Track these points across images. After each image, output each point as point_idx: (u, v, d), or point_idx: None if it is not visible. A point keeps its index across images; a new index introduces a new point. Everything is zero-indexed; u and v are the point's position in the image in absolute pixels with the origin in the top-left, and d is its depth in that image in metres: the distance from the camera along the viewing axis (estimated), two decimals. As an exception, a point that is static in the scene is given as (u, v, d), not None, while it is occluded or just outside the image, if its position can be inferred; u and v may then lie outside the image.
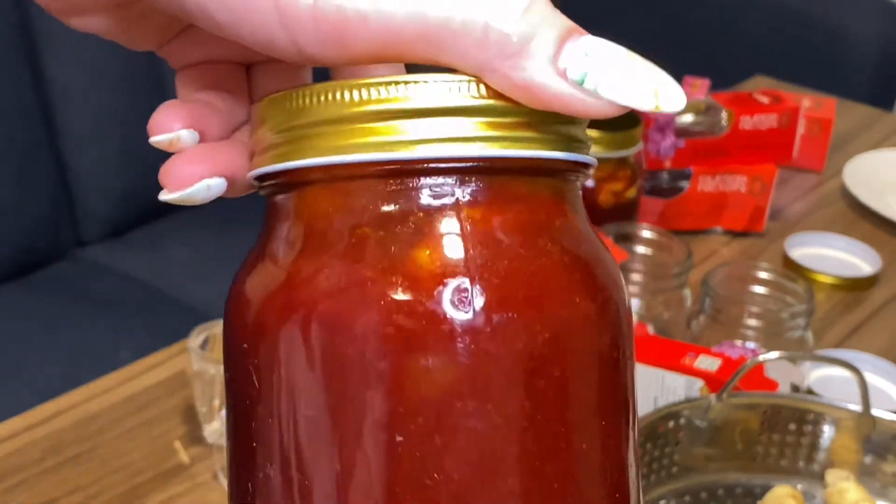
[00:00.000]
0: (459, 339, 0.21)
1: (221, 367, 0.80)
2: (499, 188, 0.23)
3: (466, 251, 0.22)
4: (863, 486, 0.65)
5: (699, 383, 0.74)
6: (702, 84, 1.13)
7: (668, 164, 1.03)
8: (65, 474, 0.72)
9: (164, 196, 0.25)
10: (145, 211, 1.44)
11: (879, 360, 0.86)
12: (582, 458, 0.23)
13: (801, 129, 1.06)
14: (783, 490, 0.65)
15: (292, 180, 0.23)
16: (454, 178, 0.22)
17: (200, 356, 0.73)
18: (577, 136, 0.24)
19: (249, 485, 0.23)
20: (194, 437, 0.76)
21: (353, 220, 0.22)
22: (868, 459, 0.68)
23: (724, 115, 1.04)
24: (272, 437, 0.23)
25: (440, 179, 0.22)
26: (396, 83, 0.22)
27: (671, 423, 0.67)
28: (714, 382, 0.73)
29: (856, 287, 0.99)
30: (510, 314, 0.22)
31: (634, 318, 0.83)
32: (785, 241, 1.03)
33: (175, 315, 1.21)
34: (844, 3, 1.83)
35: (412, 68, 0.24)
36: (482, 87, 0.22)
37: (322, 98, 0.22)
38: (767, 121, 1.05)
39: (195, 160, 0.25)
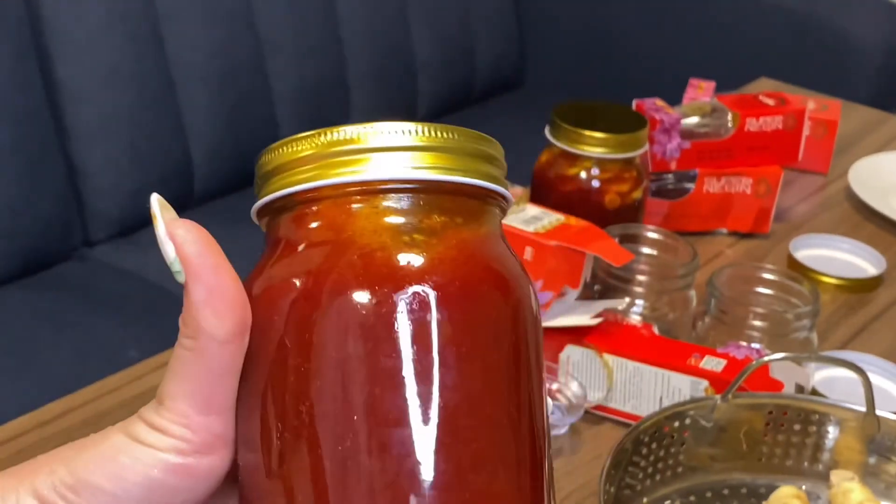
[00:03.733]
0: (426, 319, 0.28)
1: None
2: (440, 204, 0.29)
3: (426, 253, 0.29)
4: (867, 487, 0.65)
5: (704, 384, 0.74)
6: (707, 86, 1.13)
7: (673, 165, 1.03)
8: (74, 472, 0.73)
9: None
10: (153, 211, 1.44)
11: (884, 361, 0.86)
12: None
13: (806, 131, 1.07)
14: (788, 490, 0.66)
15: (288, 203, 0.30)
16: (408, 195, 0.29)
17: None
18: (496, 175, 0.31)
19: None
20: (203, 435, 0.76)
21: (349, 233, 0.29)
22: (872, 460, 0.69)
23: (729, 116, 1.04)
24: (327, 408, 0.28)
25: (399, 196, 0.29)
26: (357, 131, 0.29)
27: (676, 423, 0.68)
28: (719, 383, 0.73)
29: (861, 288, 0.99)
30: (469, 303, 0.29)
31: (639, 319, 0.84)
32: (790, 243, 1.03)
33: (182, 314, 1.21)
34: (849, 6, 1.83)
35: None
36: (426, 130, 0.29)
37: (303, 144, 0.30)
38: (773, 123, 1.05)
39: None
